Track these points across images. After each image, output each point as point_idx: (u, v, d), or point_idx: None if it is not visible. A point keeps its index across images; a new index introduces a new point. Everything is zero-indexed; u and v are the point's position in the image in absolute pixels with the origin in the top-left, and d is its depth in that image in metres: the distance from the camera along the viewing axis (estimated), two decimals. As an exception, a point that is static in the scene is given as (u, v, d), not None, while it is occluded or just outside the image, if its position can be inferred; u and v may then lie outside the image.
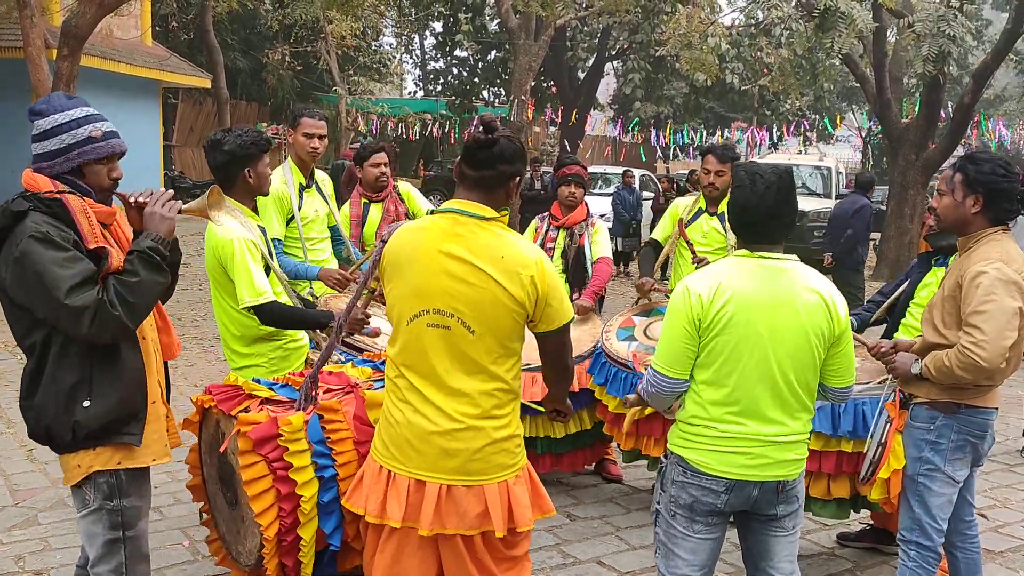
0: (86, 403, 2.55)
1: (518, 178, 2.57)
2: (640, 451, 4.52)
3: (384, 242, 2.61)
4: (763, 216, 2.65)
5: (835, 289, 2.73)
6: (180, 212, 2.68)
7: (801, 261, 2.74)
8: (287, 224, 4.53)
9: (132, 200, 2.67)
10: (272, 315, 3.53)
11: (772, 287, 2.63)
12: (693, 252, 4.96)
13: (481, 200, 2.52)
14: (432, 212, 2.61)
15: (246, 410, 3.10)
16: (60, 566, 3.90)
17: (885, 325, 4.18)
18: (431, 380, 2.50)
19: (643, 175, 19.17)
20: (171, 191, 2.71)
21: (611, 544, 4.32)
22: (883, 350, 3.40)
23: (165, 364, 2.90)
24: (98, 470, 2.62)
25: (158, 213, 2.61)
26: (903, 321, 4.04)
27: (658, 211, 14.52)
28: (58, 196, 2.53)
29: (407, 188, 5.41)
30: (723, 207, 4.87)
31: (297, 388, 3.21)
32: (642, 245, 5.55)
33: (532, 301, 2.48)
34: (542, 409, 3.01)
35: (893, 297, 4.18)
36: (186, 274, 12.49)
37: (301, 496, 2.92)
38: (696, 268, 4.76)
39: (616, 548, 4.28)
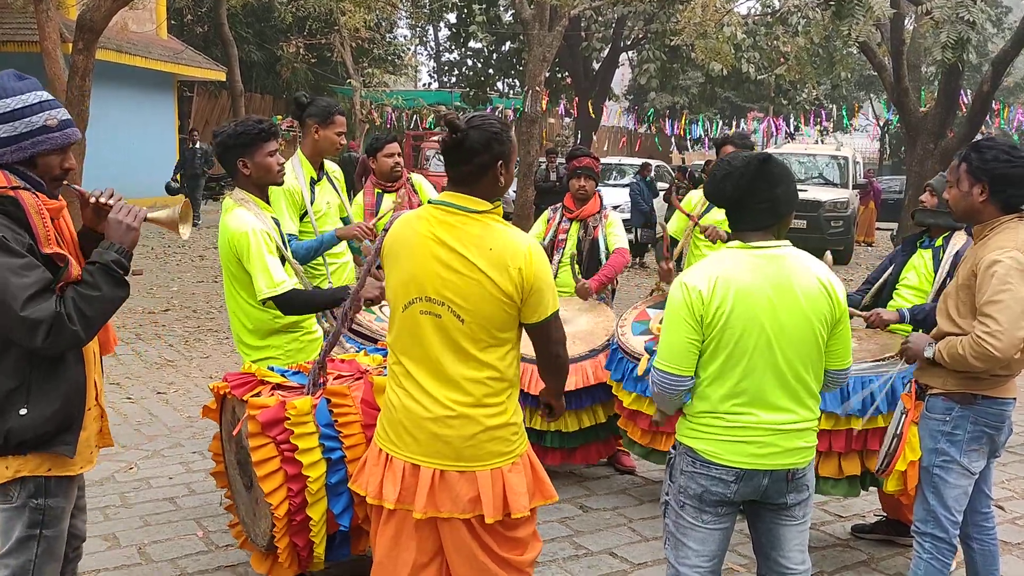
0: (23, 411, 2.43)
1: (500, 161, 2.54)
2: (656, 449, 4.49)
3: (386, 231, 2.66)
4: (728, 204, 2.68)
5: (832, 272, 2.71)
6: (146, 220, 2.57)
7: (818, 251, 2.73)
8: (300, 219, 4.52)
9: (93, 200, 2.56)
10: (293, 304, 3.52)
11: (769, 276, 2.61)
12: (697, 224, 4.94)
13: (470, 193, 2.54)
14: (430, 202, 2.63)
15: (258, 395, 3.22)
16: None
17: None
18: (424, 367, 2.54)
19: (658, 166, 19.12)
20: (122, 198, 2.58)
21: (623, 535, 4.31)
22: (889, 318, 3.36)
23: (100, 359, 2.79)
24: (26, 475, 2.50)
25: (124, 223, 2.47)
26: (890, 304, 4.05)
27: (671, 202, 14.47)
28: (12, 194, 2.38)
29: (419, 180, 5.45)
30: None
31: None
32: (659, 237, 5.52)
33: (520, 292, 2.49)
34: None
35: (880, 282, 4.18)
36: (201, 266, 12.56)
37: (308, 477, 3.03)
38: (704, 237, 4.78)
39: (628, 539, 4.27)
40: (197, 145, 16.81)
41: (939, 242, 4.03)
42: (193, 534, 4.16)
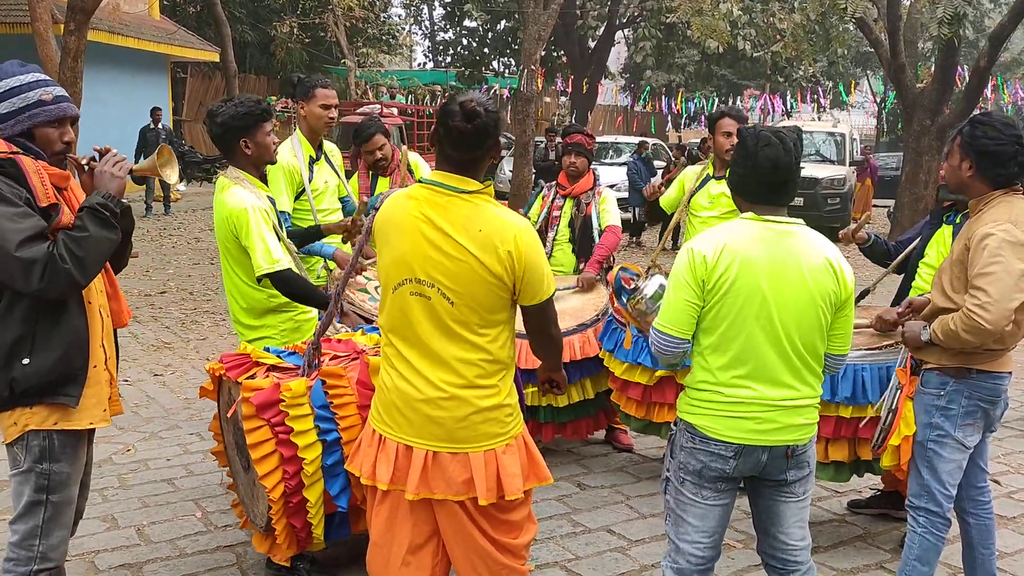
0: (25, 360, 2.56)
1: (499, 143, 2.59)
2: (652, 421, 4.51)
3: (377, 210, 2.64)
4: (793, 173, 2.66)
5: (840, 254, 2.70)
6: (131, 172, 2.71)
7: (815, 228, 2.73)
8: (297, 197, 4.50)
9: (84, 163, 2.69)
10: (287, 283, 3.51)
11: (777, 250, 2.60)
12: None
13: (464, 174, 2.51)
14: (420, 181, 2.61)
15: (253, 377, 3.19)
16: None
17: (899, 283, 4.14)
18: (416, 348, 2.53)
19: (655, 144, 19.08)
20: (120, 155, 2.71)
21: (621, 513, 4.33)
22: (891, 319, 3.35)
23: (115, 331, 2.90)
24: (32, 430, 2.62)
25: (108, 171, 2.64)
26: (913, 283, 4.01)
27: (669, 180, 14.47)
28: (11, 156, 2.54)
29: (415, 159, 5.40)
30: None
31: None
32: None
33: (511, 274, 2.47)
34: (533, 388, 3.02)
35: (903, 255, 4.12)
36: (197, 248, 12.53)
37: (303, 459, 3.02)
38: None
39: (626, 516, 4.29)
40: (160, 125, 15.76)
41: (961, 220, 3.98)
42: (192, 515, 4.17)
